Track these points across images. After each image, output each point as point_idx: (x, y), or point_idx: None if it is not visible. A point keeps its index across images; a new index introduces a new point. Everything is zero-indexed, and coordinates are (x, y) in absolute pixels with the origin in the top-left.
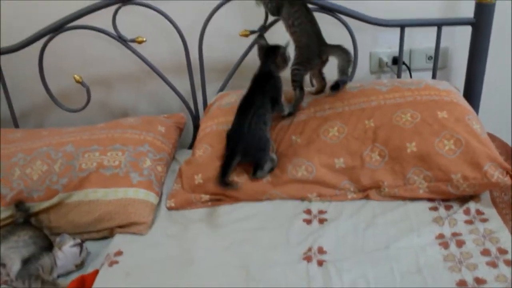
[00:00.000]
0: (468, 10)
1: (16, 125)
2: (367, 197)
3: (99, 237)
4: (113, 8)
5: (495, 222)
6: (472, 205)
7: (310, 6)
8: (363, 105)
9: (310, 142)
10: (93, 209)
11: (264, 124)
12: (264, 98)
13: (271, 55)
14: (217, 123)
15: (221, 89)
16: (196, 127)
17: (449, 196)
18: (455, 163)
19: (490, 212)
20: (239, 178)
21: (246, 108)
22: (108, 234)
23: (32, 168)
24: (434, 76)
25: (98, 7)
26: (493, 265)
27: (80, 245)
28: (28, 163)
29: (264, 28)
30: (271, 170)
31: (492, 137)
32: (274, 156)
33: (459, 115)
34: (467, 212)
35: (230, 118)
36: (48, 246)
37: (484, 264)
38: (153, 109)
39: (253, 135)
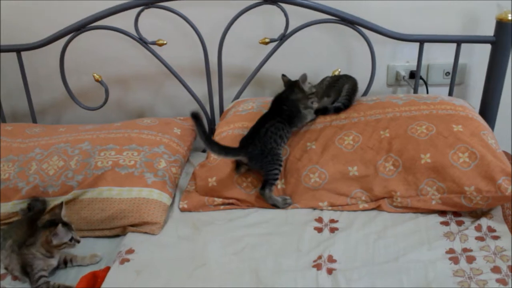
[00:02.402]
0: (488, 27)
1: (34, 120)
2: (378, 208)
3: (112, 235)
4: (135, 10)
5: (507, 240)
6: (483, 222)
7: (331, 17)
8: (378, 116)
9: (325, 149)
10: (107, 207)
11: (280, 138)
12: (286, 118)
13: (294, 84)
14: (233, 128)
15: (237, 96)
16: (212, 131)
17: (462, 209)
18: (469, 175)
19: (502, 229)
20: (254, 186)
21: (266, 117)
22: (120, 232)
23: (49, 163)
24: (451, 92)
25: (121, 9)
26: (504, 282)
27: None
28: (45, 158)
29: (284, 36)
30: (276, 206)
31: (507, 155)
32: (289, 200)
33: (474, 130)
34: (478, 228)
35: (247, 123)
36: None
37: (494, 281)
38: (169, 111)
39: (265, 143)
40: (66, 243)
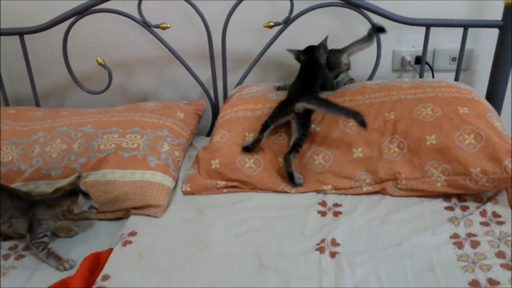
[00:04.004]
0: (495, 12)
1: (38, 104)
2: (382, 191)
3: (114, 218)
4: None
5: None
6: (488, 207)
7: (336, 1)
8: (383, 98)
9: (329, 131)
10: (110, 189)
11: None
12: (314, 82)
13: (313, 48)
14: (236, 110)
15: (241, 81)
16: (215, 115)
17: (467, 191)
18: (475, 157)
19: (507, 214)
20: (257, 166)
21: (302, 83)
22: (123, 215)
23: (52, 146)
24: (457, 78)
25: None
26: (508, 267)
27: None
28: (48, 141)
29: (289, 20)
30: (290, 177)
31: None
32: (301, 180)
33: (480, 112)
34: (483, 213)
35: (250, 106)
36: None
37: (498, 266)
38: (172, 95)
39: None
40: (85, 211)
